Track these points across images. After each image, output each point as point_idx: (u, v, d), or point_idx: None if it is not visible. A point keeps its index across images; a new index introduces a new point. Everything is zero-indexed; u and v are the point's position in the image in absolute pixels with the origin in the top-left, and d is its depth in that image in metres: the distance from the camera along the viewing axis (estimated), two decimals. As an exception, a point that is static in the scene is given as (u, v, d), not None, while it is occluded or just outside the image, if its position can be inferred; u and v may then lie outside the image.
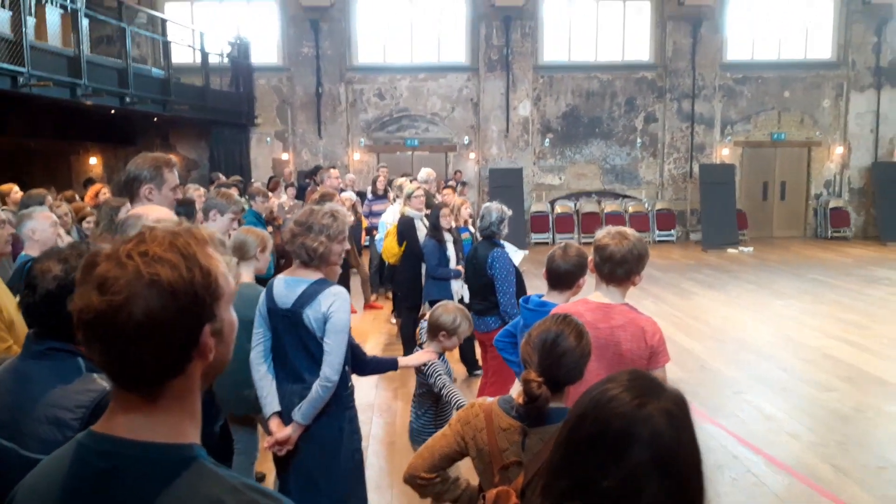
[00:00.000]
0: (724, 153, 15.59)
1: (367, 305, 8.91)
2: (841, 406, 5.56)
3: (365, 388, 5.60)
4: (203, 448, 0.91)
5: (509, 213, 5.07)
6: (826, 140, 15.69)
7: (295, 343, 2.74)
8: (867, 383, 6.04)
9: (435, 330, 3.25)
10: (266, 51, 14.72)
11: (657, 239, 15.46)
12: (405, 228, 6.53)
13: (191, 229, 0.91)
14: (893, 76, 15.32)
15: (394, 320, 8.28)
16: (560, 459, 0.98)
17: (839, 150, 15.63)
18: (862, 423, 5.22)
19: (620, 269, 2.62)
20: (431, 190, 8.04)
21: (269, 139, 14.96)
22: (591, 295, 2.73)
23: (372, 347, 7.34)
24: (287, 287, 2.76)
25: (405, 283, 6.64)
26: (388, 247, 6.69)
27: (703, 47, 15.07)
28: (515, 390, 2.26)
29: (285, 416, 2.76)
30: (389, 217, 7.26)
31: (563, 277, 3.12)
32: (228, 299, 0.92)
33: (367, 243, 9.50)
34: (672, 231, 15.58)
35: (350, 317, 2.82)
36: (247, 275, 3.49)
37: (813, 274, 11.38)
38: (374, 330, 8.03)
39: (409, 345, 6.65)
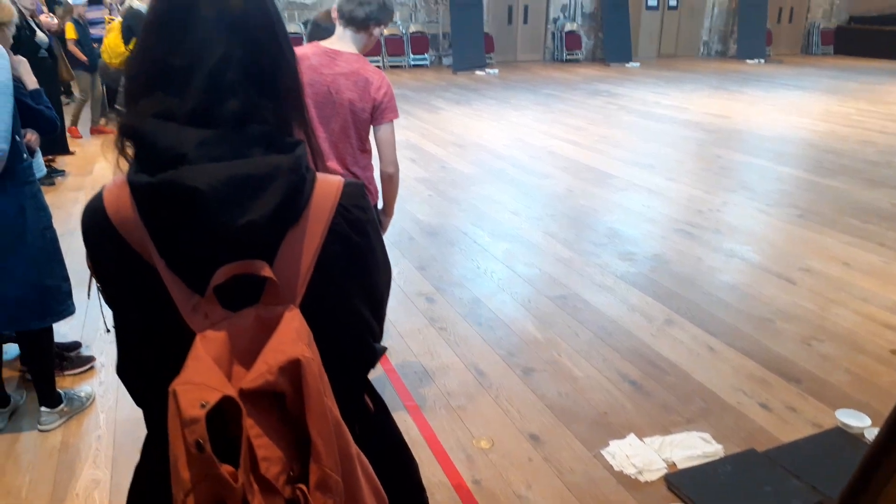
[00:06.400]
0: (472, -25, 15.72)
1: (95, 129, 8.00)
2: (556, 189, 6.30)
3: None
4: None
5: None
6: (563, -35, 16.49)
7: None
8: (580, 171, 6.87)
9: None
10: None
11: (412, 63, 15.58)
12: (134, 23, 5.77)
13: None
14: None
15: (127, 142, 7.56)
16: (133, 61, 0.93)
17: (574, -25, 16.55)
18: (570, 200, 5.98)
19: (361, 11, 2.42)
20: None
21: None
22: (327, 41, 2.61)
23: (103, 168, 6.70)
24: None
25: None
26: (111, 45, 5.92)
27: None
28: None
29: None
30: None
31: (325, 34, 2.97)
32: None
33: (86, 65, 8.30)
34: (426, 55, 15.75)
35: (10, 77, 2.40)
36: None
37: (547, 90, 12.37)
38: (103, 156, 7.28)
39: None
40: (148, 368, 0.96)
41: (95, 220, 0.93)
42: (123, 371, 1.00)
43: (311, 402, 0.84)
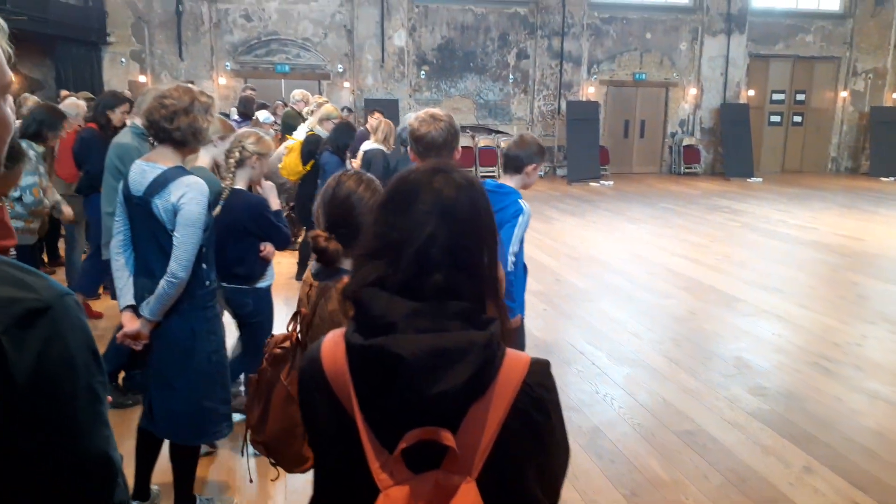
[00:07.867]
0: (589, 91, 16.19)
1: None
2: (677, 310, 6.12)
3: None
4: None
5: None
6: (682, 81, 16.67)
7: (146, 234, 2.60)
8: (701, 291, 6.67)
9: None
10: (118, -39, 13.47)
11: (527, 173, 15.96)
12: (315, 147, 6.33)
13: None
14: (741, 23, 16.41)
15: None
16: (366, 231, 1.07)
17: (693, 91, 16.67)
18: (694, 323, 5.78)
19: (446, 151, 2.64)
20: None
21: (123, 60, 13.86)
22: None
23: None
24: (141, 173, 2.59)
25: (307, 203, 6.47)
26: (291, 164, 6.50)
27: (573, -15, 15.40)
28: None
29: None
30: (300, 133, 6.94)
31: (512, 161, 3.16)
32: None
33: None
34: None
35: (204, 210, 2.64)
36: (203, 159, 3.47)
37: (664, 203, 12.25)
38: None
39: (306, 265, 6.60)
40: None
41: (312, 368, 1.05)
42: None
43: None
